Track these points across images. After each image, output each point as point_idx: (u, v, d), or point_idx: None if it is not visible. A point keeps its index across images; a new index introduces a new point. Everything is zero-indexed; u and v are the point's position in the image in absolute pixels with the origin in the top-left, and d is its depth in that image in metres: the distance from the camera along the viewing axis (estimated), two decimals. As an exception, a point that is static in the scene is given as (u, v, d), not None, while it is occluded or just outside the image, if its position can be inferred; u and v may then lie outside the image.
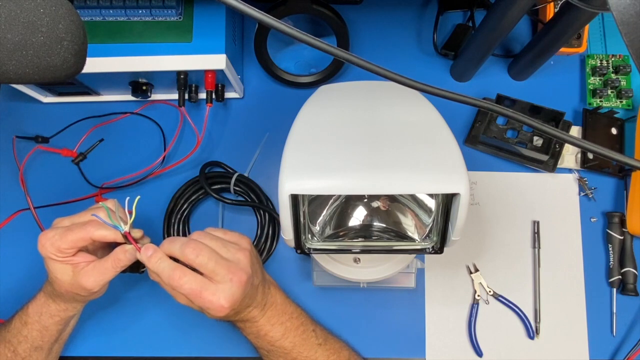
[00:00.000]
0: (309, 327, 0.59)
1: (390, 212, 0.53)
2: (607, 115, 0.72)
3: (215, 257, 0.49)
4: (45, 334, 0.56)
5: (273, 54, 0.70)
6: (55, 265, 0.51)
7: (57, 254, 0.50)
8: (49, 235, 0.50)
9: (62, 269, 0.51)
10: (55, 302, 0.55)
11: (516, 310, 0.67)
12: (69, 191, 0.71)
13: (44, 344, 0.57)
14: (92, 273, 0.51)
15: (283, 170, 0.43)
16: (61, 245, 0.50)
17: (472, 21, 0.75)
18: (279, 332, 0.56)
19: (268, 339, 0.56)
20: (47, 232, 0.51)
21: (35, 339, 0.56)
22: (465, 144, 0.73)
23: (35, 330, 0.56)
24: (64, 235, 0.50)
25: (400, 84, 0.32)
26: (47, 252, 0.50)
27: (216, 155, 0.73)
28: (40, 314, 0.56)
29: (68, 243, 0.50)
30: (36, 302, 0.56)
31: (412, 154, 0.44)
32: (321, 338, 0.60)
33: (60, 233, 0.50)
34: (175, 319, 0.68)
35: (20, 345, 0.56)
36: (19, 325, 0.56)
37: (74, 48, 0.32)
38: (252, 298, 0.53)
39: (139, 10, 0.62)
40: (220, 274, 0.49)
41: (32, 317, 0.56)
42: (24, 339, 0.56)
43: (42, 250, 0.50)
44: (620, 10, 0.28)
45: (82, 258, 0.52)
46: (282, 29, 0.29)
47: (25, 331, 0.56)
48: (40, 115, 0.74)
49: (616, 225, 0.69)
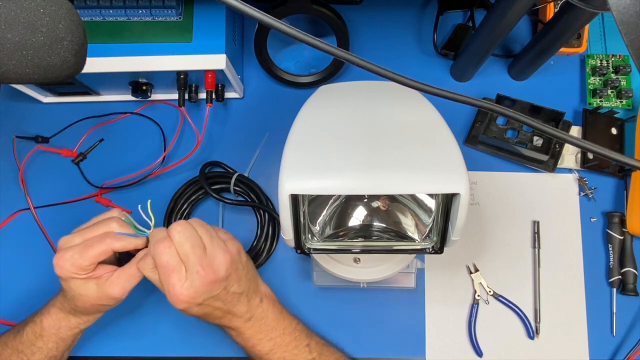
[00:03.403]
0: (302, 342, 0.58)
1: (390, 212, 0.53)
2: (607, 115, 0.72)
3: (194, 243, 0.48)
4: (61, 344, 0.57)
5: (273, 54, 0.70)
6: (77, 283, 0.51)
7: (78, 273, 0.50)
8: (66, 256, 0.50)
9: (85, 285, 0.51)
10: (77, 317, 0.55)
11: (516, 310, 0.67)
12: (69, 191, 0.71)
13: (58, 353, 0.57)
14: (119, 281, 0.51)
15: (283, 170, 0.43)
16: (83, 263, 0.50)
17: (472, 21, 0.75)
18: (267, 347, 0.56)
19: (256, 352, 0.56)
20: (63, 253, 0.50)
21: (51, 349, 0.56)
22: (465, 144, 0.73)
23: (52, 342, 0.56)
24: (84, 252, 0.50)
25: (400, 84, 0.32)
26: (68, 272, 0.50)
27: (216, 155, 0.73)
28: (58, 328, 0.55)
29: (89, 259, 0.50)
30: (52, 316, 0.56)
31: (412, 154, 0.44)
32: (315, 352, 0.58)
33: (80, 251, 0.50)
34: (175, 319, 0.68)
35: (35, 355, 0.56)
36: (32, 337, 0.56)
37: (74, 48, 0.32)
38: (226, 303, 0.52)
39: (139, 10, 0.62)
40: (191, 260, 0.48)
41: (48, 331, 0.55)
42: (39, 350, 0.56)
43: (60, 272, 0.50)
44: (620, 10, 0.28)
45: (104, 270, 0.52)
46: (282, 29, 0.29)
47: (40, 343, 0.56)
48: (40, 115, 0.74)
49: (616, 225, 0.69)
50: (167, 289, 0.48)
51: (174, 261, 0.48)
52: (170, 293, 0.48)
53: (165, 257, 0.48)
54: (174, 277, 0.48)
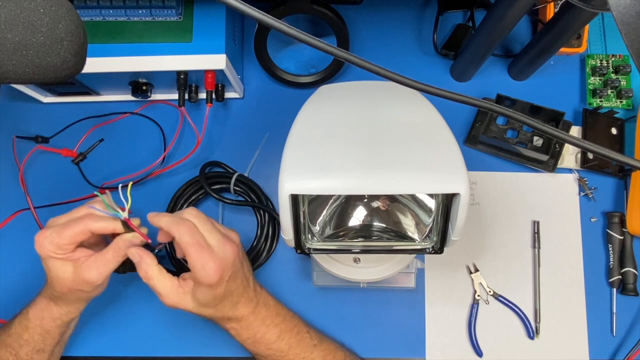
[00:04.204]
0: (303, 329, 0.60)
1: (390, 212, 0.53)
2: (607, 115, 0.72)
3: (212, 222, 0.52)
4: (47, 337, 0.56)
5: (273, 54, 0.70)
6: (55, 264, 0.51)
7: (56, 251, 0.50)
8: (46, 233, 0.50)
9: (62, 267, 0.51)
10: (57, 305, 0.55)
11: (516, 310, 0.67)
12: (69, 191, 0.71)
13: (45, 346, 0.57)
14: (94, 265, 0.51)
15: (283, 170, 0.43)
16: (61, 242, 0.50)
17: (472, 21, 0.75)
18: (275, 334, 0.56)
19: (265, 342, 0.56)
20: (43, 231, 0.50)
21: (37, 342, 0.56)
22: (465, 144, 0.73)
23: (37, 334, 0.56)
24: (62, 231, 0.50)
25: (400, 84, 0.32)
26: (46, 250, 0.50)
27: (216, 155, 0.73)
28: (41, 318, 0.55)
29: (67, 238, 0.50)
30: (37, 306, 0.56)
31: (412, 154, 0.44)
32: (316, 339, 0.60)
33: (58, 230, 0.50)
34: (175, 319, 0.68)
35: (22, 349, 0.56)
36: (19, 330, 0.56)
37: (74, 48, 0.32)
38: (242, 282, 0.54)
39: (139, 10, 0.62)
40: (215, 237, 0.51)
41: (33, 322, 0.55)
42: (26, 343, 0.56)
43: (40, 249, 0.50)
44: (620, 10, 0.28)
45: (82, 253, 0.52)
46: (282, 29, 0.29)
47: (26, 335, 0.56)
48: (40, 115, 0.74)
49: (616, 225, 0.69)
50: (201, 266, 0.49)
51: (202, 239, 0.50)
52: (205, 268, 0.49)
53: (196, 237, 0.49)
54: (206, 254, 0.49)
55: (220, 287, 0.51)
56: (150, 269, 0.51)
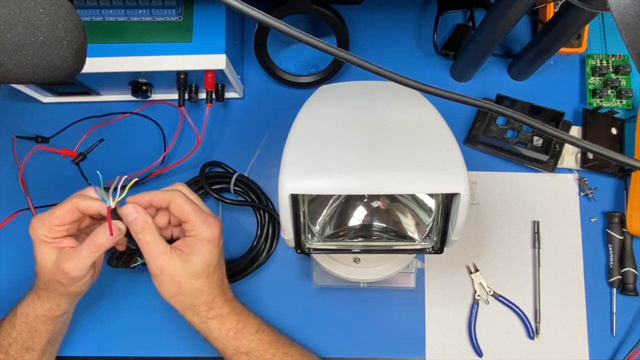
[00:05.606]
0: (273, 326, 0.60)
1: (390, 212, 0.53)
2: (607, 115, 0.72)
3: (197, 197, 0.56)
4: (34, 334, 0.56)
5: (273, 54, 0.70)
6: (42, 249, 0.51)
7: (46, 234, 0.50)
8: (39, 215, 0.51)
9: (48, 254, 0.51)
10: (41, 300, 0.55)
11: (516, 310, 0.67)
12: (69, 191, 0.70)
13: (34, 345, 0.56)
14: (72, 256, 0.50)
15: (283, 170, 0.43)
16: (51, 222, 0.50)
17: (472, 21, 0.75)
18: (255, 326, 0.56)
19: (247, 333, 0.55)
20: (39, 215, 0.51)
21: (25, 340, 0.56)
22: (465, 144, 0.73)
23: (24, 332, 0.56)
24: (52, 211, 0.50)
25: (400, 84, 0.32)
26: (38, 232, 0.50)
27: (216, 155, 0.73)
28: (26, 315, 0.55)
29: (57, 218, 0.50)
30: (24, 301, 0.56)
31: (412, 154, 0.44)
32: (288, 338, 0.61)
33: (50, 210, 0.51)
34: (174, 319, 0.67)
35: (11, 347, 0.56)
36: (8, 328, 0.56)
37: (74, 48, 0.32)
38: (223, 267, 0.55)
39: (139, 10, 0.62)
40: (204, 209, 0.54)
41: (19, 319, 0.55)
42: (14, 341, 0.56)
43: (32, 231, 0.51)
44: (620, 10, 0.28)
45: (69, 243, 0.52)
46: (282, 29, 0.29)
47: (14, 333, 0.56)
48: (40, 115, 0.74)
49: (616, 225, 0.69)
50: (201, 221, 0.52)
51: (199, 202, 0.54)
52: (205, 223, 0.52)
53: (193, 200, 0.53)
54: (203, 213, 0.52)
55: (218, 246, 0.53)
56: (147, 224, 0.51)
